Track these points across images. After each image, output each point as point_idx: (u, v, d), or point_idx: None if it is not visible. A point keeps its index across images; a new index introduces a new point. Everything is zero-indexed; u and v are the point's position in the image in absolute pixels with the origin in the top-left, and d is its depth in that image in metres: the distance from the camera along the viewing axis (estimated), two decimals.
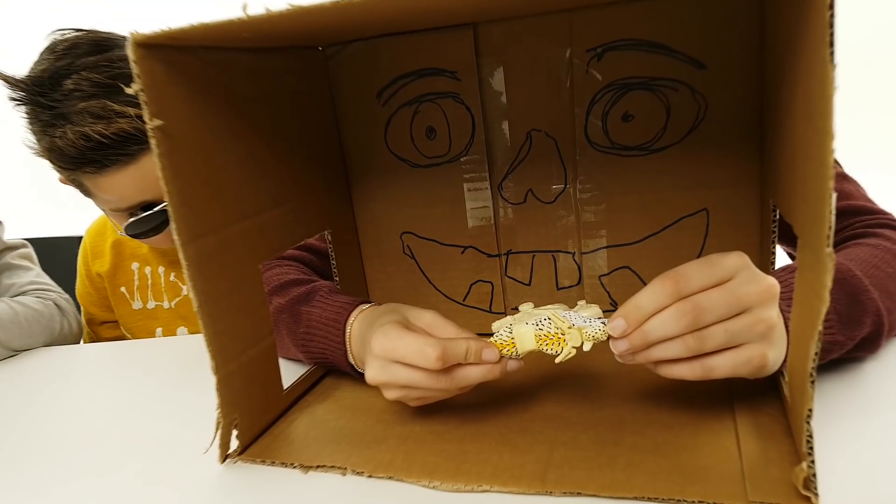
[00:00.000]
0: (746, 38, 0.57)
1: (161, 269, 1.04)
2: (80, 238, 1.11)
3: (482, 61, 0.66)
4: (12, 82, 0.81)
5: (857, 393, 0.53)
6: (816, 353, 0.36)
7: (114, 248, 1.05)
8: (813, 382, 0.37)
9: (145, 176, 0.84)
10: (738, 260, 0.45)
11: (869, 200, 0.72)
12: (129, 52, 0.42)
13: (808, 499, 0.39)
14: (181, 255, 0.47)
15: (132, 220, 0.87)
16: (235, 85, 0.54)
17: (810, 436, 0.38)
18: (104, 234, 1.07)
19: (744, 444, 0.46)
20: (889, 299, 0.56)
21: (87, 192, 0.89)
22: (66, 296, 1.01)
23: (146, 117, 0.43)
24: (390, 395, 0.53)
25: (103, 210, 0.94)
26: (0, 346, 0.87)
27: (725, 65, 0.59)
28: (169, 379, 0.77)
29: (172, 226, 0.46)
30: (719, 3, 0.57)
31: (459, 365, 0.50)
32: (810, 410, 0.38)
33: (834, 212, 0.32)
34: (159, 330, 1.05)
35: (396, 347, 0.50)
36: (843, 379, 0.55)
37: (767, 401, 0.51)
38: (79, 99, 0.79)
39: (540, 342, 0.50)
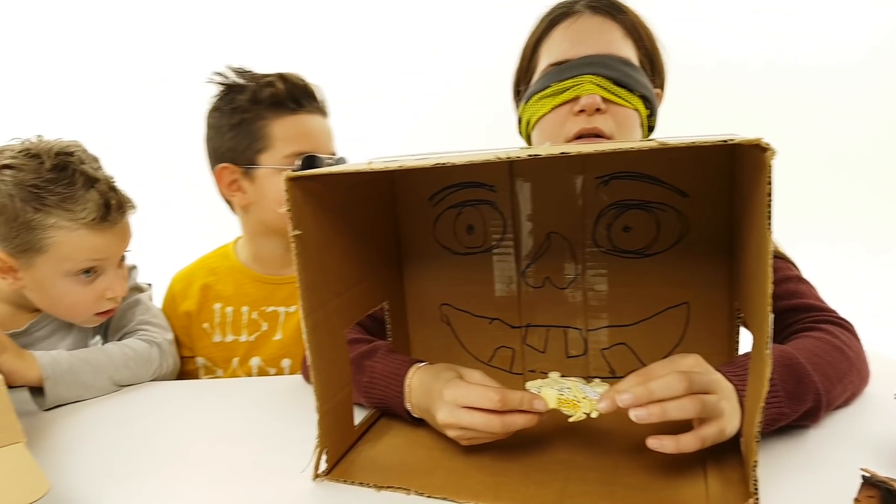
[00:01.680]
0: (720, 176, 0.71)
1: (244, 309, 1.16)
2: None
3: (514, 179, 0.80)
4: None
5: (801, 453, 0.64)
6: (760, 421, 0.48)
7: (201, 291, 1.18)
8: (758, 442, 0.49)
9: (326, 131, 1.13)
10: (693, 360, 0.58)
11: (819, 300, 0.82)
12: (283, 184, 0.55)
13: None
14: (303, 325, 0.59)
15: (299, 160, 1.09)
16: (339, 197, 0.67)
17: (756, 480, 0.50)
18: (191, 280, 1.20)
19: (710, 487, 0.58)
20: (827, 381, 0.67)
21: (262, 149, 1.09)
22: (171, 336, 1.11)
23: (289, 229, 0.56)
24: (451, 433, 0.65)
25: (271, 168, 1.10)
26: (112, 383, 0.98)
27: (703, 195, 0.72)
28: (251, 412, 0.87)
29: (300, 303, 0.59)
30: (700, 149, 0.70)
31: (509, 413, 0.62)
32: (755, 461, 0.49)
33: (771, 326, 0.45)
34: (235, 360, 1.16)
35: (466, 394, 0.62)
36: (790, 442, 0.66)
37: (730, 455, 0.62)
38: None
39: (560, 404, 0.62)
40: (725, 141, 0.44)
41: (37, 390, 0.92)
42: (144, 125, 2.61)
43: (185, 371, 1.19)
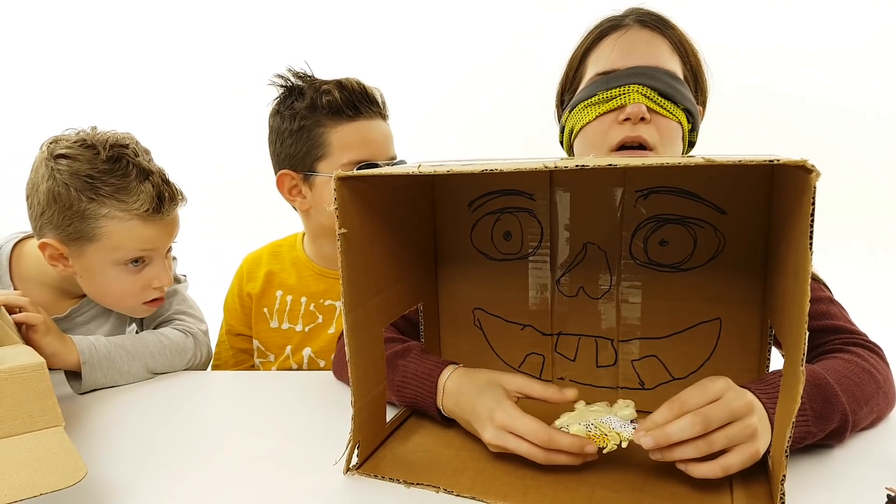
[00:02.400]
0: (759, 196, 0.72)
1: (304, 299, 1.20)
2: None
3: (554, 188, 0.81)
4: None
5: (825, 470, 0.65)
6: (790, 437, 0.50)
7: (266, 276, 1.22)
8: (787, 457, 0.50)
9: (385, 135, 1.14)
10: (723, 383, 0.59)
11: (849, 322, 0.83)
12: (333, 184, 0.58)
13: None
14: (344, 321, 0.62)
15: (360, 165, 1.10)
16: (383, 199, 0.70)
17: (783, 493, 0.51)
18: (259, 264, 1.25)
19: (736, 499, 0.59)
20: (854, 402, 0.68)
21: (321, 157, 1.11)
22: (205, 327, 1.15)
23: (336, 227, 0.59)
24: (494, 449, 0.68)
25: (326, 175, 1.12)
26: (147, 370, 1.02)
27: (741, 213, 0.73)
28: (283, 405, 0.89)
29: (342, 299, 0.62)
30: (740, 168, 0.72)
31: (554, 450, 0.64)
32: (784, 476, 0.51)
33: (806, 344, 0.46)
34: (289, 347, 1.20)
35: (515, 424, 0.65)
36: (815, 459, 0.67)
37: (756, 470, 0.63)
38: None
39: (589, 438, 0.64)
40: (770, 161, 0.46)
41: (73, 374, 0.96)
42: (145, 125, 2.71)
43: (242, 349, 1.25)
